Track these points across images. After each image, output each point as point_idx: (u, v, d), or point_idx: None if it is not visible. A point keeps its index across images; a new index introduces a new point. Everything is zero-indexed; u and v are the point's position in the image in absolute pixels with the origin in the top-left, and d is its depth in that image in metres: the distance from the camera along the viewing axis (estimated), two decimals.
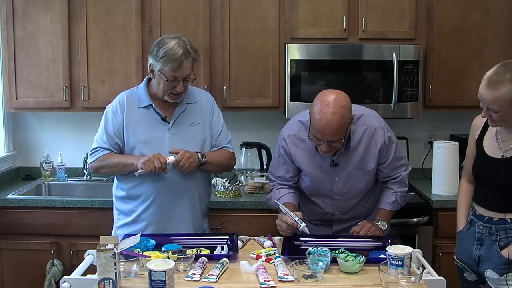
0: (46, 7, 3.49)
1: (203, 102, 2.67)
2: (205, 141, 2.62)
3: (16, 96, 3.56)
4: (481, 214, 2.33)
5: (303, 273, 1.99)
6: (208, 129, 2.64)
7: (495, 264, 2.25)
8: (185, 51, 2.44)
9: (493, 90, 2.10)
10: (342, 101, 2.27)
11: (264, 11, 3.49)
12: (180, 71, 2.44)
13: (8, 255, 3.36)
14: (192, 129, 2.59)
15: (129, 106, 2.57)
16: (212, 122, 2.66)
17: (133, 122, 2.55)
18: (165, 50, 2.43)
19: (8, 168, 3.84)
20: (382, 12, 3.48)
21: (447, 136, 3.80)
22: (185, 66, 2.45)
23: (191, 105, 2.62)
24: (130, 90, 2.66)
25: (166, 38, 2.50)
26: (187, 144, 2.54)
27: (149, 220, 2.55)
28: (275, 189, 2.61)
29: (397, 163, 2.55)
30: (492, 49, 3.50)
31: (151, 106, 2.56)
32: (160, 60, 2.43)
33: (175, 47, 2.43)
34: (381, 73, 3.46)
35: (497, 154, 2.28)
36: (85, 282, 2.03)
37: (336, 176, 2.50)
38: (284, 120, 3.57)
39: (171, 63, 2.42)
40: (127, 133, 2.55)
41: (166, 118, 2.56)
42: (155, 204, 2.55)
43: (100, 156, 2.55)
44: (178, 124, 2.57)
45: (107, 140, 2.56)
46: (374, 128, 2.47)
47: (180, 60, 2.42)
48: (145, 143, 2.53)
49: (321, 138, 2.29)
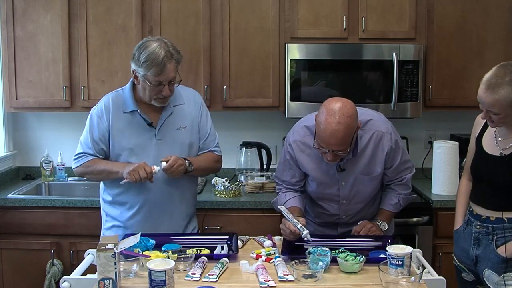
0: (46, 7, 3.49)
1: (191, 103, 2.60)
2: (192, 145, 2.57)
3: (16, 96, 3.56)
4: (478, 214, 2.33)
5: (303, 273, 1.99)
6: (196, 131, 2.58)
7: (493, 263, 2.25)
8: (167, 53, 2.35)
9: (493, 93, 2.09)
10: (348, 111, 2.25)
11: (264, 11, 3.49)
12: (164, 75, 2.36)
13: (8, 255, 3.36)
14: (179, 133, 2.53)
15: (114, 110, 2.50)
16: (201, 124, 2.60)
17: (119, 128, 2.50)
18: (147, 54, 2.34)
19: (8, 168, 3.84)
20: (382, 12, 3.48)
21: (447, 136, 3.80)
22: (169, 69, 2.36)
23: (178, 107, 2.55)
24: (115, 91, 2.59)
25: (147, 41, 2.40)
26: (174, 149, 2.50)
27: (136, 227, 2.51)
28: (281, 193, 2.60)
29: (403, 166, 2.54)
30: (492, 49, 3.50)
31: (136, 112, 2.49)
32: (142, 65, 2.35)
33: (156, 50, 2.34)
34: (381, 73, 3.46)
35: (495, 152, 2.28)
36: (85, 282, 2.03)
37: (342, 181, 2.49)
38: (284, 120, 3.59)
39: (153, 67, 2.33)
40: (113, 140, 2.50)
41: (152, 123, 2.50)
42: (142, 212, 2.53)
43: (85, 162, 2.51)
44: (165, 128, 2.51)
45: (92, 145, 2.51)
46: (382, 133, 2.45)
47: (163, 63, 2.33)
48: (131, 150, 2.49)
49: (326, 147, 2.28)
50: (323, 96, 3.44)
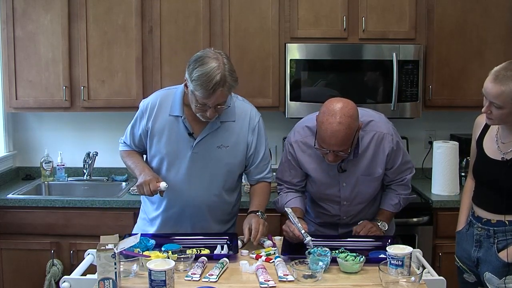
0: (46, 7, 3.49)
1: (244, 121, 2.41)
2: (230, 165, 2.42)
3: (16, 96, 3.56)
4: (479, 216, 2.32)
5: (303, 273, 1.99)
6: (241, 152, 2.43)
7: (494, 266, 2.24)
8: (221, 78, 2.16)
9: (500, 85, 2.07)
10: (349, 111, 2.24)
11: (264, 11, 3.49)
12: (211, 100, 2.19)
13: (8, 255, 3.36)
14: (218, 152, 2.38)
15: (158, 111, 2.39)
16: (252, 146, 2.43)
17: (159, 130, 2.40)
18: (200, 72, 2.16)
19: (8, 168, 3.84)
20: (382, 12, 3.48)
21: (447, 136, 3.80)
22: (218, 94, 2.18)
23: (226, 123, 2.38)
24: (167, 90, 2.46)
25: (206, 57, 2.20)
26: (209, 165, 2.39)
27: (165, 226, 2.49)
28: (283, 193, 2.59)
29: (404, 167, 2.54)
30: (492, 49, 3.50)
31: (180, 118, 2.36)
32: (193, 82, 2.18)
33: (212, 72, 2.15)
34: (381, 73, 3.46)
35: (497, 156, 2.26)
36: (85, 282, 2.03)
37: (343, 182, 2.49)
38: (284, 120, 3.59)
39: (203, 89, 2.16)
40: (151, 141, 2.42)
41: (193, 134, 2.37)
42: (167, 215, 2.48)
43: (122, 151, 2.54)
44: (204, 143, 2.37)
45: (130, 140, 2.50)
46: (383, 134, 2.45)
47: (213, 88, 2.15)
48: (164, 156, 2.40)
49: (326, 148, 2.27)
50: (323, 96, 3.45)
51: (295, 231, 2.30)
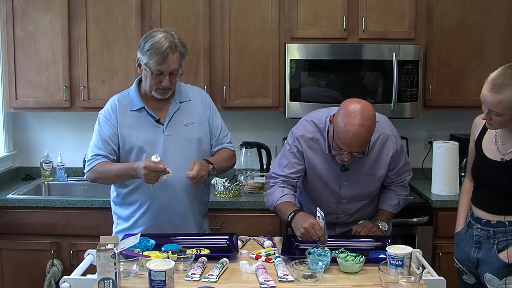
0: (46, 7, 3.49)
1: (197, 100, 2.62)
2: (201, 141, 2.57)
3: (16, 96, 3.56)
4: (478, 217, 2.32)
5: (303, 273, 1.99)
6: (205, 128, 2.60)
7: (494, 267, 2.23)
8: (171, 44, 2.40)
9: (498, 93, 2.06)
10: (369, 113, 2.24)
11: (264, 11, 3.49)
12: (165, 65, 2.40)
13: (8, 255, 3.36)
14: (187, 129, 2.54)
15: (121, 110, 2.53)
16: (211, 121, 2.62)
17: (127, 126, 2.51)
18: (152, 43, 2.39)
19: (8, 168, 3.84)
20: (382, 12, 3.48)
21: (447, 136, 3.80)
22: (171, 59, 2.40)
23: (184, 103, 2.58)
24: (121, 93, 2.61)
25: (154, 31, 2.47)
26: (183, 145, 2.51)
27: (147, 225, 2.53)
28: (277, 187, 2.52)
29: (405, 168, 2.56)
30: (492, 49, 3.50)
31: (143, 109, 2.52)
32: (146, 53, 2.40)
33: (161, 40, 2.39)
34: (381, 73, 3.46)
35: (496, 157, 2.26)
36: (85, 282, 2.03)
37: (345, 180, 2.49)
38: (284, 120, 3.59)
39: (156, 56, 2.38)
40: (122, 138, 2.51)
41: (160, 120, 2.52)
42: (152, 209, 2.52)
43: (95, 165, 2.49)
44: (173, 125, 2.53)
45: (102, 146, 2.51)
46: (387, 136, 2.46)
47: (166, 53, 2.38)
48: (140, 148, 2.50)
49: (346, 149, 2.26)
50: (323, 96, 3.48)
51: (319, 233, 2.21)
